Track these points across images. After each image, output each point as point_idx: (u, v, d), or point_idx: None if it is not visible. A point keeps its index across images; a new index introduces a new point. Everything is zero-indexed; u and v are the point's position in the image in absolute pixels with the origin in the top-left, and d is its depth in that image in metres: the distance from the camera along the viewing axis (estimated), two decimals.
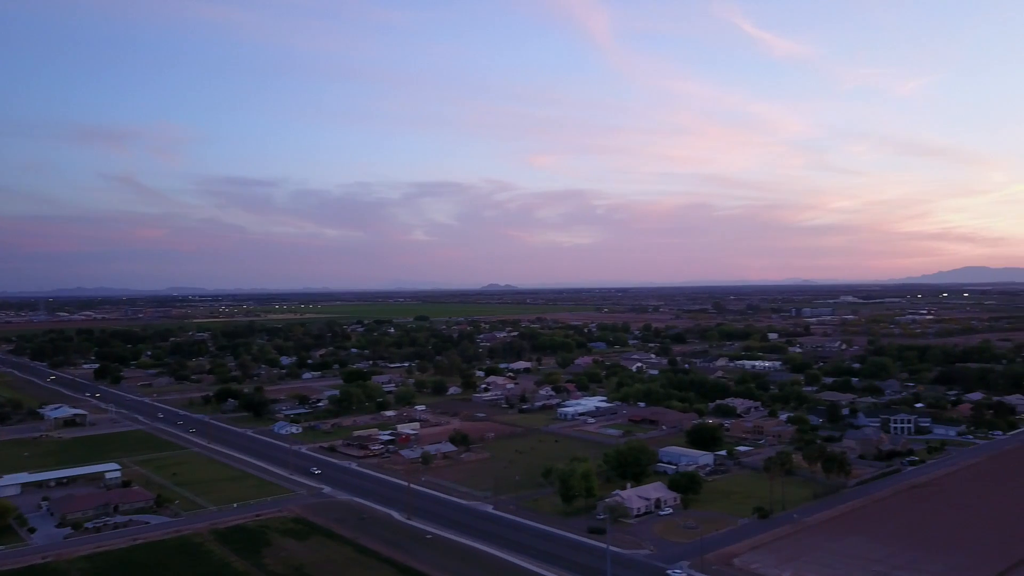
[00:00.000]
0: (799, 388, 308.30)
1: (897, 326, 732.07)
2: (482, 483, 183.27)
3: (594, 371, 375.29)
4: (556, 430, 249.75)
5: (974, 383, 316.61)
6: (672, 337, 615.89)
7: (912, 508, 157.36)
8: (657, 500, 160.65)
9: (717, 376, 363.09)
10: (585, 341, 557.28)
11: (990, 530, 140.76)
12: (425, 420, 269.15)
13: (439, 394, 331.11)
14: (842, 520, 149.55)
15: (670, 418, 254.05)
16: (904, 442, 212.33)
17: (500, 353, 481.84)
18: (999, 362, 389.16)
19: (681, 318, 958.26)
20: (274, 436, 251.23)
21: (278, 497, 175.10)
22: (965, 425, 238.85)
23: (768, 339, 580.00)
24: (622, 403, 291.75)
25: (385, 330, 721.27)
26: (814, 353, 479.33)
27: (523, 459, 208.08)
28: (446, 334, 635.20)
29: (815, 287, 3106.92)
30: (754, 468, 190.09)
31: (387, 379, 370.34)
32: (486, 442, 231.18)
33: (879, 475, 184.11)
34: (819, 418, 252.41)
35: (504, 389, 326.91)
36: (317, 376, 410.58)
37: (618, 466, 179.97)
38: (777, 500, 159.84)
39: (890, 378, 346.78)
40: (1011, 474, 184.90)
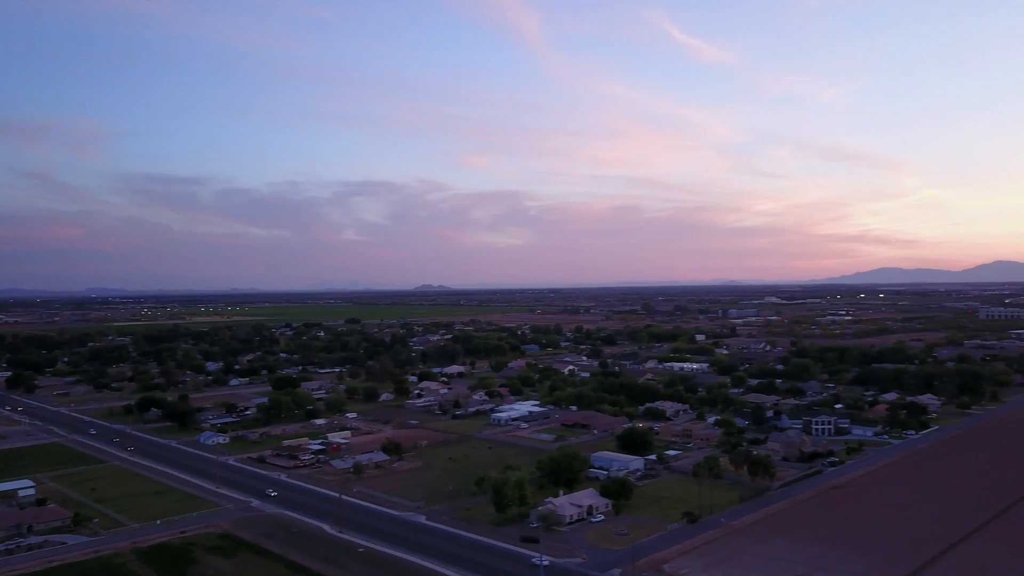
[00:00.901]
0: (726, 391, 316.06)
1: (818, 327, 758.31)
2: (415, 493, 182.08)
3: (527, 375, 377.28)
4: (489, 436, 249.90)
5: (889, 384, 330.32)
6: (603, 339, 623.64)
7: (832, 509, 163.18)
8: (589, 507, 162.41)
9: (647, 378, 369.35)
10: (518, 344, 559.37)
11: (905, 529, 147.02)
12: (357, 428, 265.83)
13: (371, 401, 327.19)
14: (767, 523, 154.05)
15: (601, 422, 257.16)
16: (825, 443, 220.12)
17: (433, 357, 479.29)
18: (912, 362, 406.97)
19: (611, 319, 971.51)
20: (200, 447, 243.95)
21: (204, 512, 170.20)
22: (881, 425, 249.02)
23: (696, 341, 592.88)
24: (555, 407, 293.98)
25: (315, 334, 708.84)
26: (740, 355, 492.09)
27: (456, 467, 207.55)
28: (378, 338, 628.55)
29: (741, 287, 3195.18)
30: (683, 472, 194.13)
31: (317, 385, 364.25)
32: (419, 450, 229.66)
33: (801, 476, 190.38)
34: (745, 420, 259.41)
35: (437, 395, 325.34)
36: (245, 383, 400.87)
37: (551, 473, 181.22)
38: (705, 504, 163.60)
39: (812, 379, 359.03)
40: (923, 473, 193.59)
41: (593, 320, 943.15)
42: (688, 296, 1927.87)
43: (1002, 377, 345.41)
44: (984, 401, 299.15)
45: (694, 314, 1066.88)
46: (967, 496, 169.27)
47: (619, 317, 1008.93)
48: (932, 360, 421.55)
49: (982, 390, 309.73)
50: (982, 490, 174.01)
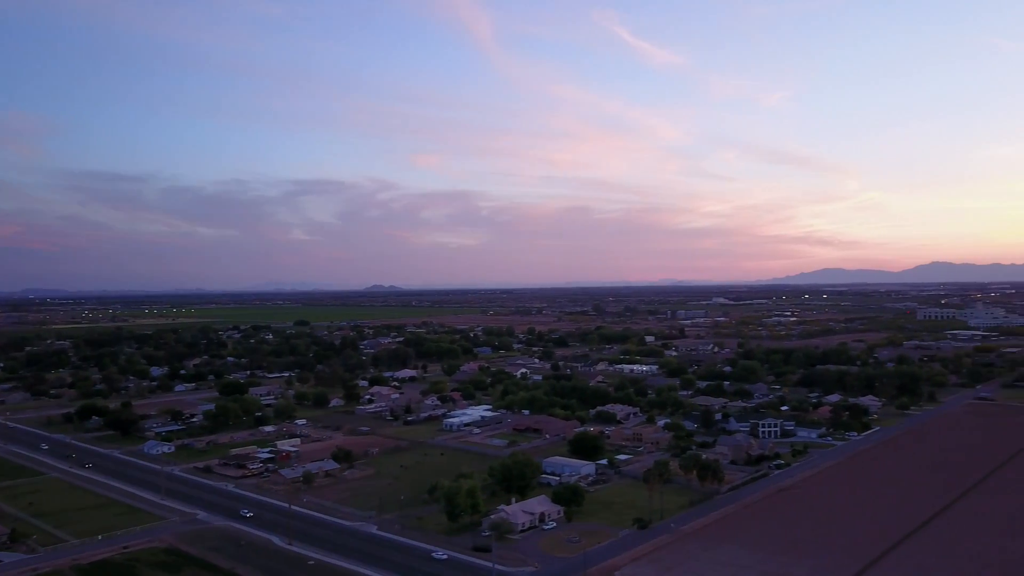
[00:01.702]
0: (675, 393, 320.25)
1: (764, 328, 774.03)
2: (366, 502, 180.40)
3: (480, 378, 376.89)
4: (442, 442, 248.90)
5: (833, 385, 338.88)
6: (555, 341, 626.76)
7: (779, 512, 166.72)
8: (541, 514, 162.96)
9: (597, 381, 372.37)
10: (471, 347, 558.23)
11: (848, 530, 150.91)
12: (306, 435, 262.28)
13: (321, 407, 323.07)
14: (716, 527, 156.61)
15: (553, 426, 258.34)
16: (771, 446, 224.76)
17: (385, 361, 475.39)
18: (854, 364, 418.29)
19: (563, 320, 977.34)
20: (144, 457, 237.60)
21: (148, 526, 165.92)
22: (825, 427, 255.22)
23: (646, 342, 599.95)
24: (507, 411, 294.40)
25: (263, 337, 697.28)
26: (689, 356, 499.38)
27: (408, 475, 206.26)
28: (328, 341, 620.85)
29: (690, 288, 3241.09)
30: (634, 476, 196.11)
31: (266, 391, 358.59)
32: (370, 458, 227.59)
33: (749, 480, 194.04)
34: (694, 423, 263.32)
35: (389, 400, 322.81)
36: (191, 389, 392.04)
37: (503, 480, 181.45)
38: (656, 510, 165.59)
39: (759, 381, 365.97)
40: (864, 475, 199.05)
41: (545, 321, 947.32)
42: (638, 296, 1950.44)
43: (939, 378, 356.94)
44: (922, 402, 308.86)
45: (644, 315, 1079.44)
46: (906, 497, 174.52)
47: (570, 318, 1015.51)
48: (873, 361, 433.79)
49: (920, 391, 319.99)
50: (920, 490, 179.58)
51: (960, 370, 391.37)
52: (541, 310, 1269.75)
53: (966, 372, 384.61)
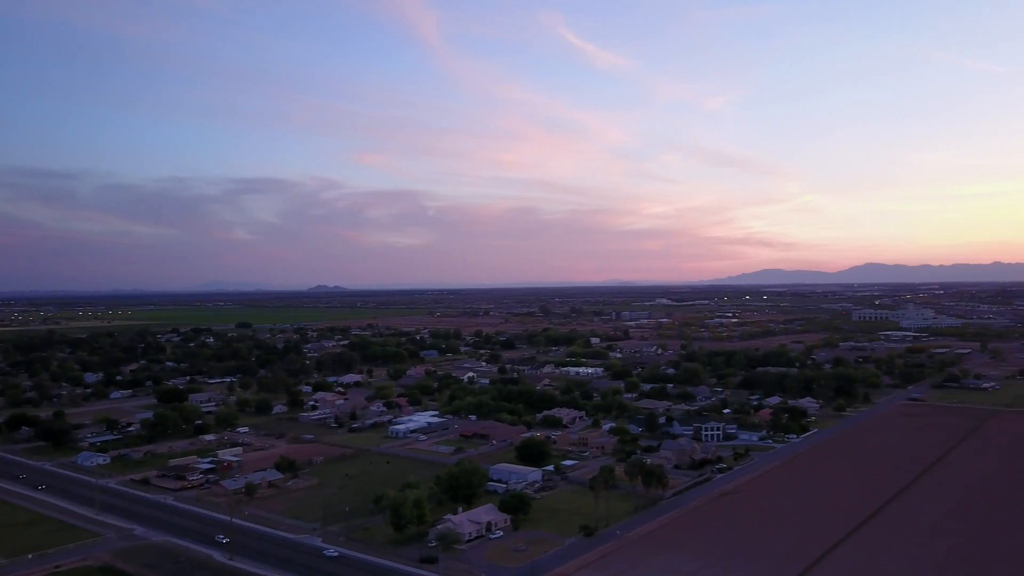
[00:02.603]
0: (620, 397, 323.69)
1: (706, 329, 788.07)
2: (310, 513, 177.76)
3: (426, 383, 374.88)
4: (387, 450, 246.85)
5: (773, 387, 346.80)
6: (502, 343, 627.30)
7: (721, 516, 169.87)
8: (488, 523, 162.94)
9: (544, 384, 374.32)
10: (417, 350, 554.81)
11: (787, 534, 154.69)
12: (249, 444, 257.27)
13: (264, 413, 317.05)
14: (661, 533, 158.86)
15: (500, 432, 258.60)
16: (714, 450, 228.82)
17: (329, 365, 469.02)
18: (793, 365, 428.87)
19: (510, 322, 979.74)
20: (77, 469, 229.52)
21: (82, 543, 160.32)
22: (766, 430, 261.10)
23: (591, 344, 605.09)
24: (454, 417, 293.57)
25: (204, 340, 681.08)
26: (633, 358, 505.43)
27: (354, 484, 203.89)
28: (271, 344, 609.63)
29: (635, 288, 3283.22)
30: (580, 483, 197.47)
31: (207, 397, 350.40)
32: (314, 467, 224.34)
33: (693, 484, 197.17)
34: (639, 427, 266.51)
35: (333, 406, 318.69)
36: (127, 396, 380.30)
37: (449, 489, 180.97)
38: (601, 516, 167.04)
39: (701, 384, 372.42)
40: (803, 477, 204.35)
41: (492, 323, 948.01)
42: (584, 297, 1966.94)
43: (873, 379, 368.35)
44: (857, 403, 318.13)
45: (589, 316, 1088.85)
46: (842, 499, 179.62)
47: (517, 319, 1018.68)
48: (811, 363, 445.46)
49: (855, 393, 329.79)
50: (855, 492, 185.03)
51: (893, 371, 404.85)
52: (488, 311, 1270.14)
53: (898, 373, 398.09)
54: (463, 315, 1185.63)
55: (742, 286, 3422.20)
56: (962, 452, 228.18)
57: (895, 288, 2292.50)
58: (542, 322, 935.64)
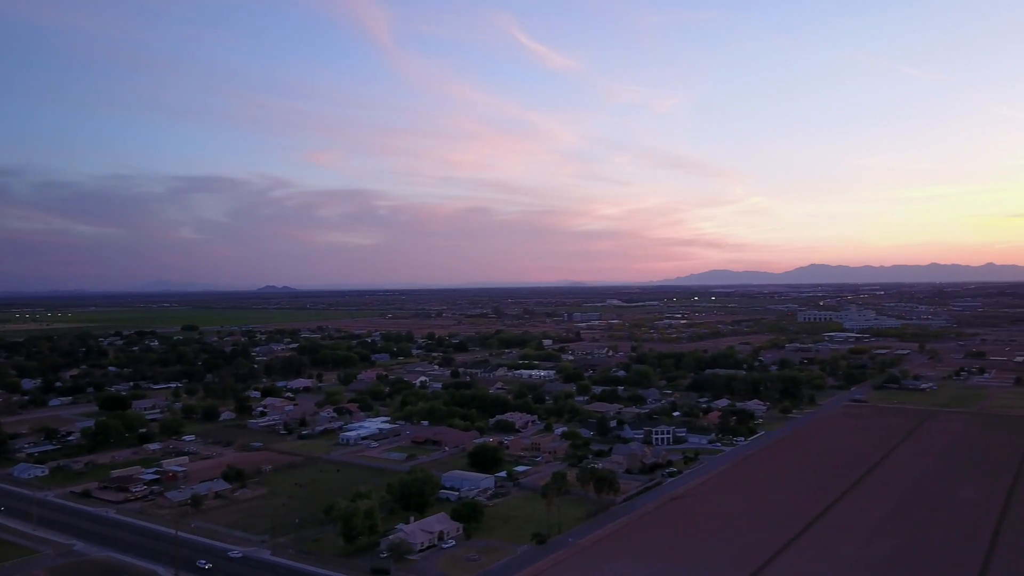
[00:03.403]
0: (572, 401, 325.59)
1: (656, 330, 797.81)
2: (259, 525, 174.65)
3: (378, 388, 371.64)
4: (338, 457, 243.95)
5: (721, 390, 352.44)
6: (454, 346, 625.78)
7: (671, 521, 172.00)
8: (440, 532, 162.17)
9: (497, 388, 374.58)
10: (368, 353, 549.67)
11: (736, 538, 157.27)
12: (195, 453, 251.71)
13: (210, 420, 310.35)
14: (612, 539, 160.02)
15: (453, 438, 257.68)
16: (664, 454, 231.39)
17: (278, 370, 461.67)
18: (741, 367, 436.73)
19: (463, 323, 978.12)
20: (14, 481, 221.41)
21: (18, 560, 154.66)
22: (715, 433, 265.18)
23: (544, 346, 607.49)
24: (406, 422, 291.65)
25: (148, 344, 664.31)
26: (584, 361, 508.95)
27: (304, 493, 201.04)
28: (218, 348, 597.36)
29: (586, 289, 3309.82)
30: (533, 489, 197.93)
31: (151, 404, 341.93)
32: (263, 476, 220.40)
33: (644, 489, 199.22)
34: (590, 431, 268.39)
35: (282, 412, 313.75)
36: (67, 403, 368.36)
37: (401, 498, 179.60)
38: (554, 523, 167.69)
39: (651, 386, 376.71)
40: (750, 480, 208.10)
41: (445, 325, 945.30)
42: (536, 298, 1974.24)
43: (818, 381, 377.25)
44: (803, 405, 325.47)
45: (542, 318, 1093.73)
46: (789, 502, 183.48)
47: (470, 321, 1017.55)
48: (759, 364, 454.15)
49: (801, 394, 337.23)
50: (801, 495, 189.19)
51: (836, 372, 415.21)
52: (441, 313, 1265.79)
53: (842, 374, 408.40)
54: (415, 317, 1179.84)
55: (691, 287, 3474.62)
56: (902, 453, 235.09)
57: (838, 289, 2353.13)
58: (495, 324, 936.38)
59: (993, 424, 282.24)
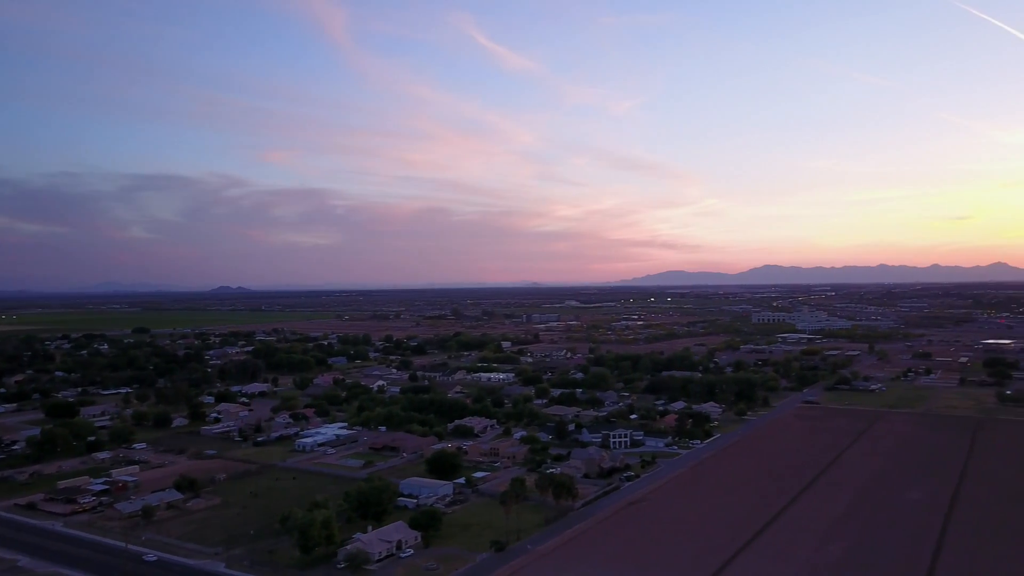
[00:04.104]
0: (531, 404, 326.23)
1: (613, 332, 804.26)
2: (213, 536, 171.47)
3: (334, 393, 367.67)
4: (294, 465, 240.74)
5: (678, 392, 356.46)
6: (413, 348, 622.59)
7: (629, 526, 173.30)
8: (399, 542, 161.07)
9: (456, 392, 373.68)
10: (325, 357, 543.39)
11: (692, 543, 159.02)
12: (146, 462, 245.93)
13: (162, 427, 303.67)
14: (571, 546, 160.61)
15: (411, 443, 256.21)
16: (621, 458, 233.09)
17: (232, 374, 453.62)
18: (697, 369, 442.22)
19: (421, 325, 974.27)
20: None
21: None
22: (671, 436, 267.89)
23: (503, 348, 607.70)
24: (363, 428, 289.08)
25: (97, 347, 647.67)
26: (543, 363, 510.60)
27: (259, 503, 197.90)
28: (170, 351, 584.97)
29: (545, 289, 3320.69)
30: (491, 495, 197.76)
31: (100, 411, 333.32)
32: (217, 484, 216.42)
33: (601, 494, 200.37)
34: (549, 435, 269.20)
35: (237, 418, 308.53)
36: (11, 410, 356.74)
37: (359, 506, 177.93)
38: (512, 530, 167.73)
39: (609, 389, 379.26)
40: (706, 484, 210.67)
41: (403, 327, 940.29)
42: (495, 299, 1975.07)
43: (771, 383, 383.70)
44: (757, 407, 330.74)
45: (500, 319, 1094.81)
46: (744, 504, 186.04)
47: (429, 323, 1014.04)
48: (714, 366, 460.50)
49: (756, 396, 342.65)
50: (756, 497, 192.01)
51: (789, 374, 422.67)
52: (399, 314, 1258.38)
53: (795, 376, 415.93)
54: (373, 318, 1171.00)
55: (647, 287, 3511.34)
56: (853, 454, 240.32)
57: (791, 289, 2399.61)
58: (454, 325, 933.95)
59: (939, 425, 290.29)
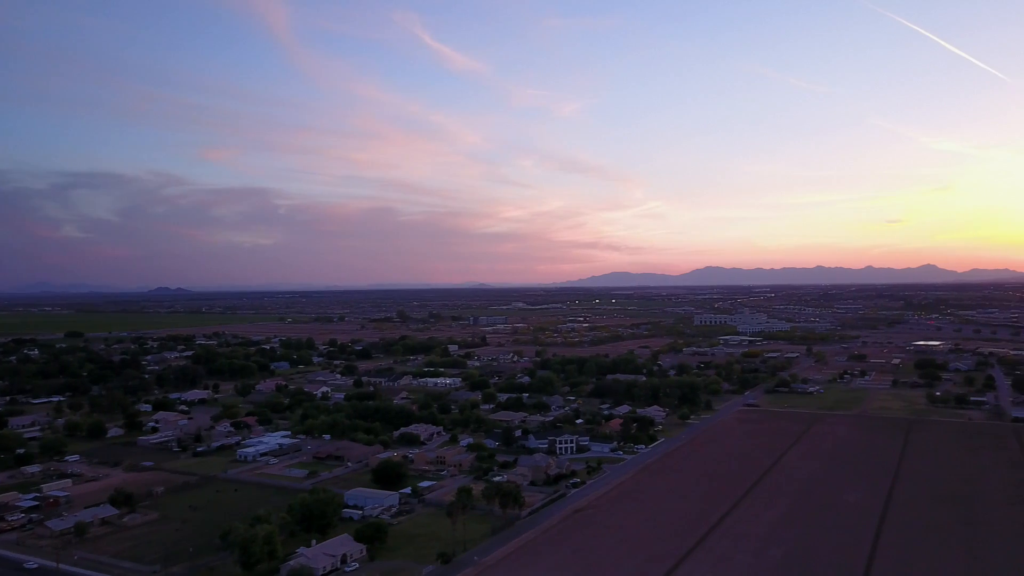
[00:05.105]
0: (477, 411, 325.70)
1: (559, 334, 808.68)
2: (150, 553, 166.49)
3: (277, 400, 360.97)
4: (236, 476, 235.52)
5: (622, 396, 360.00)
6: (357, 353, 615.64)
7: (574, 535, 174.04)
8: (344, 555, 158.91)
9: (402, 398, 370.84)
10: (267, 362, 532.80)
11: (636, 550, 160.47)
12: (79, 475, 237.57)
13: (97, 438, 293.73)
14: (517, 556, 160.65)
15: (356, 452, 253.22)
16: (567, 464, 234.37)
17: (171, 380, 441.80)
18: (641, 372, 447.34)
19: (366, 328, 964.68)
20: None
21: None
22: (616, 441, 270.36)
23: (449, 352, 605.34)
24: (307, 437, 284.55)
25: (26, 352, 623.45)
26: (490, 367, 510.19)
27: (198, 517, 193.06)
28: (105, 357, 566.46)
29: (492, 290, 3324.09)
30: (438, 505, 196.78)
31: (30, 421, 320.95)
32: (155, 498, 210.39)
33: (548, 501, 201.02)
34: (495, 442, 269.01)
35: (176, 427, 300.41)
36: None
37: (303, 519, 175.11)
38: (459, 541, 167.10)
39: (555, 393, 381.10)
40: (651, 489, 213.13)
41: (347, 330, 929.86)
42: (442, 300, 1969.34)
43: (714, 386, 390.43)
44: (700, 410, 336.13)
45: (448, 321, 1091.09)
46: (687, 510, 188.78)
47: (374, 326, 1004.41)
48: (657, 369, 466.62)
49: (698, 400, 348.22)
50: (698, 503, 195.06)
51: (731, 377, 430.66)
52: (343, 317, 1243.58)
53: (736, 379, 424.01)
54: (316, 321, 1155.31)
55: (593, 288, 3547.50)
56: (792, 457, 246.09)
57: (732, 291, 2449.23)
58: (400, 328, 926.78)
59: (873, 426, 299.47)
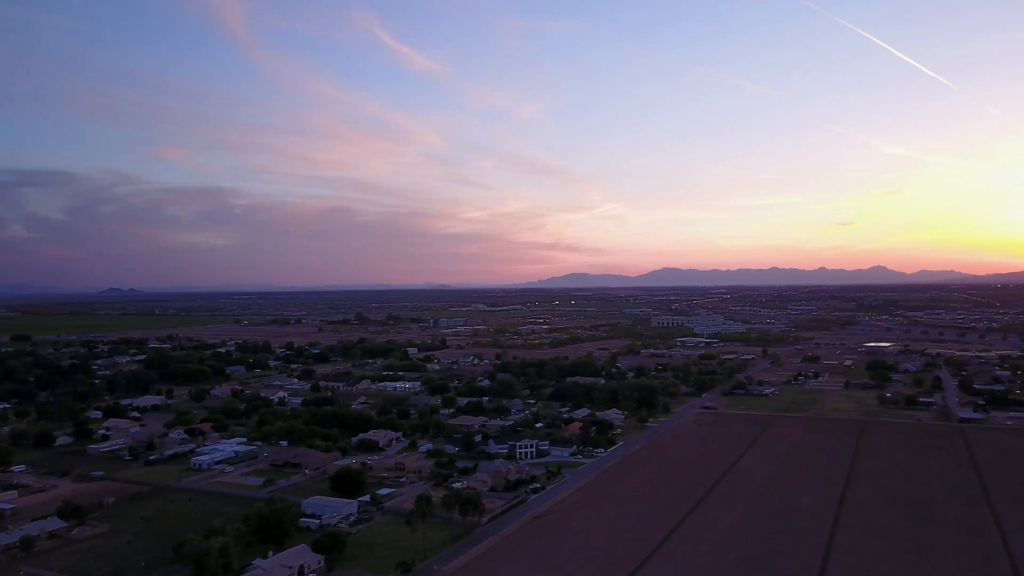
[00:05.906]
0: (437, 416, 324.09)
1: (519, 336, 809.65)
2: (100, 568, 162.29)
3: (233, 406, 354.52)
4: (190, 485, 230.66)
5: (582, 399, 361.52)
6: (315, 356, 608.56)
7: (534, 541, 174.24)
8: (301, 566, 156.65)
9: (360, 403, 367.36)
10: (222, 366, 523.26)
11: (596, 556, 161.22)
12: (25, 486, 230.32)
13: (44, 447, 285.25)
14: (477, 564, 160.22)
15: (314, 459, 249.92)
16: (527, 469, 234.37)
17: (122, 386, 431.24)
18: (600, 375, 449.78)
19: (324, 331, 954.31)
20: None
21: None
22: (576, 445, 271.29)
23: (409, 355, 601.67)
24: (264, 443, 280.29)
25: None
26: (450, 370, 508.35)
27: (151, 528, 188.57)
28: (53, 362, 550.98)
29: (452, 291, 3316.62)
30: (397, 512, 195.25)
31: None
32: (105, 509, 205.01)
33: (508, 507, 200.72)
34: (455, 447, 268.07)
35: (127, 435, 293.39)
36: None
37: (259, 530, 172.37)
38: (419, 549, 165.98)
39: (516, 397, 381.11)
40: (610, 494, 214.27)
41: (305, 332, 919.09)
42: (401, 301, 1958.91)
43: (672, 389, 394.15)
44: (658, 413, 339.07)
45: (407, 323, 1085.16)
46: (646, 515, 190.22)
47: (332, 328, 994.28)
48: (616, 371, 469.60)
49: (656, 403, 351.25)
50: (657, 507, 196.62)
51: (689, 379, 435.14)
52: (300, 319, 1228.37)
53: (693, 381, 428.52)
54: (273, 323, 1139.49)
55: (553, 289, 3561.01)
56: (748, 460, 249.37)
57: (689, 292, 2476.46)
58: (358, 331, 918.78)
59: (827, 428, 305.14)
